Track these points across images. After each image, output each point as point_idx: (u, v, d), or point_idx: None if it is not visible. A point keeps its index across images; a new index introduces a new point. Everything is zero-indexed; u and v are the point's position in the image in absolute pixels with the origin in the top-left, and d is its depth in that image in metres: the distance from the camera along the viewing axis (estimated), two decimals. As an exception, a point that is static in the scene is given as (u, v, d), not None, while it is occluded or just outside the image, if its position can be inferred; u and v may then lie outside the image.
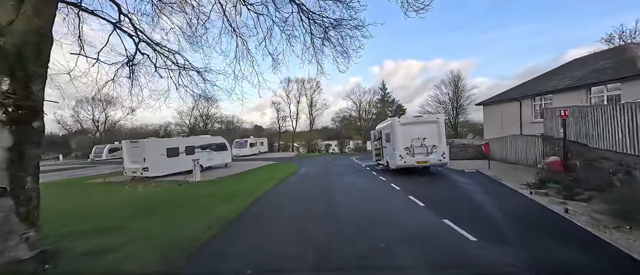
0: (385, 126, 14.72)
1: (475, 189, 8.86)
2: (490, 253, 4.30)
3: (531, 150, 13.77)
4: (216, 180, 14.14)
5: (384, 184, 10.94)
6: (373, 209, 7.26)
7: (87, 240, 5.04)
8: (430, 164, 12.30)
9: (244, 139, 38.50)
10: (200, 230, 5.65)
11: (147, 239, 5.23)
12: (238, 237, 5.52)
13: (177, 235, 5.42)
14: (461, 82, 43.76)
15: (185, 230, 5.67)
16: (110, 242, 4.89)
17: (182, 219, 6.74)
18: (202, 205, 8.30)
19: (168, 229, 5.95)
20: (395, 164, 12.63)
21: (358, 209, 7.31)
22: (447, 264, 4.07)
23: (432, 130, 12.37)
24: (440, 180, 11.29)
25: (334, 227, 5.71)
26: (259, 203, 8.42)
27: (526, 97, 18.47)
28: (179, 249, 4.66)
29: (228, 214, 6.87)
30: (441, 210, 6.51)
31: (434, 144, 12.25)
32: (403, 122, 12.66)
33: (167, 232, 5.77)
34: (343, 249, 4.59)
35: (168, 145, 16.34)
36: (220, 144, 20.71)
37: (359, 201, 8.28)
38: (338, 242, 4.87)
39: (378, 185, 10.90)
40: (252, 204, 8.25)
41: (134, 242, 4.99)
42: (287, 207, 7.98)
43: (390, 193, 9.21)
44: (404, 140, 12.47)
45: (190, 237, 5.19)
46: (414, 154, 12.29)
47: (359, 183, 11.75)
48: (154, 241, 5.14)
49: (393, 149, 12.86)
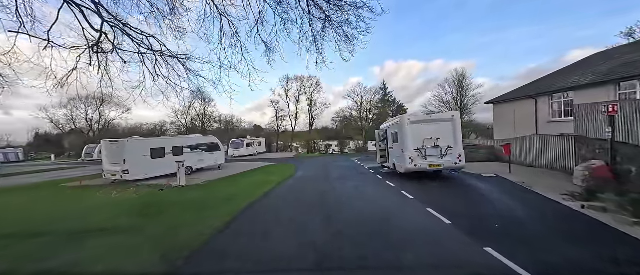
0: (392, 125, 13.26)
1: (507, 200, 7.39)
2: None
3: (557, 152, 12.31)
4: (203, 184, 12.67)
5: (394, 191, 9.47)
6: (385, 227, 5.75)
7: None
8: (445, 167, 10.83)
9: (240, 138, 37.02)
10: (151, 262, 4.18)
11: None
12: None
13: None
14: (465, 81, 42.28)
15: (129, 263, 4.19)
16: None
17: (139, 241, 5.26)
18: (174, 219, 6.83)
19: (106, 256, 4.46)
20: (404, 168, 11.16)
21: (366, 228, 5.77)
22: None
23: (447, 130, 10.90)
24: (459, 187, 9.81)
25: (337, 255, 4.24)
26: (245, 217, 6.95)
27: (543, 94, 16.99)
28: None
29: (197, 237, 5.28)
30: (477, 231, 5.04)
31: (449, 145, 10.78)
32: (413, 121, 11.19)
33: (104, 260, 4.29)
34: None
35: (152, 145, 14.86)
36: (212, 144, 19.24)
37: (366, 216, 6.74)
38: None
39: (387, 193, 9.43)
40: (236, 216, 6.77)
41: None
42: (279, 222, 6.52)
43: (403, 204, 7.74)
44: (415, 140, 11.00)
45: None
46: (426, 156, 10.82)
47: (363, 189, 10.28)
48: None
49: (402, 150, 11.39)
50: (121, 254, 4.63)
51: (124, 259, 4.43)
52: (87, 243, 5.22)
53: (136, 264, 4.22)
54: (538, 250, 4.19)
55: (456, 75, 42.58)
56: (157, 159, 14.73)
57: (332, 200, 8.53)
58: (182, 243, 4.95)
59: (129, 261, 4.33)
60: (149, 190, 11.38)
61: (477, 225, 5.44)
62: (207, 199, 9.36)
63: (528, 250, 4.20)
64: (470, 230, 5.09)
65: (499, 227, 5.25)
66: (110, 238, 5.59)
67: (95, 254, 4.58)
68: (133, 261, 4.32)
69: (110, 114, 51.11)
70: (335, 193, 9.58)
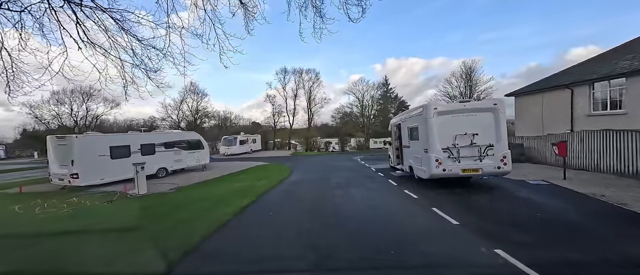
0: (409, 117, 10.53)
1: (611, 233, 4.75)
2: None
3: (623, 153, 9.71)
4: (169, 192, 9.97)
5: (420, 208, 6.78)
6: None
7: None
8: (484, 173, 8.17)
9: (233, 135, 34.26)
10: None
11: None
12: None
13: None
14: (475, 74, 39.51)
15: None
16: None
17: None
18: (77, 260, 4.18)
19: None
20: (428, 172, 8.48)
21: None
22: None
23: (487, 122, 8.23)
24: (511, 201, 7.14)
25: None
26: (210, 246, 4.31)
27: (582, 82, 14.30)
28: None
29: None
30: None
31: (490, 143, 8.11)
32: (441, 111, 8.49)
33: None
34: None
35: (113, 143, 12.15)
36: (193, 141, 16.52)
37: (387, 262, 4.00)
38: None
39: (411, 210, 6.74)
40: (197, 246, 4.14)
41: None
42: (257, 258, 3.88)
43: (445, 233, 5.04)
44: (443, 137, 8.33)
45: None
46: (458, 157, 8.15)
47: (375, 203, 7.60)
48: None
49: (424, 149, 8.72)
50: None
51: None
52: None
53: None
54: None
55: (464, 68, 39.80)
56: (120, 160, 12.02)
57: (333, 223, 5.86)
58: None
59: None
60: (96, 202, 8.69)
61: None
62: (159, 217, 6.69)
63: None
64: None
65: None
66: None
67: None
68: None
69: (98, 109, 48.24)
70: (337, 210, 6.90)
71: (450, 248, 4.34)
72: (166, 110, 47.34)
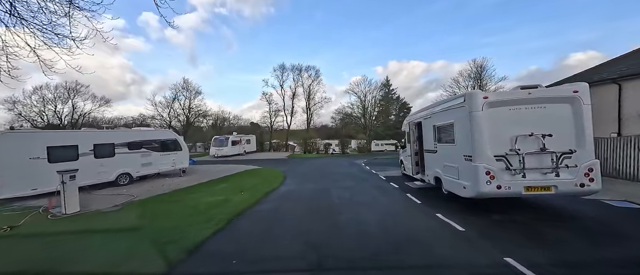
0: (437, 113, 7.85)
1: None
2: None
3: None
4: (110, 211, 7.30)
5: (485, 255, 4.14)
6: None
7: None
8: (560, 192, 5.54)
9: (224, 135, 31.57)
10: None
11: None
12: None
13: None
14: (485, 73, 37.07)
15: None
16: None
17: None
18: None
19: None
20: (474, 189, 5.84)
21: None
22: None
23: (563, 118, 5.63)
24: (612, 242, 4.54)
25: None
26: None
27: (633, 76, 11.81)
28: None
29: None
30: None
31: (569, 149, 5.52)
32: (494, 101, 5.86)
33: None
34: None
35: (52, 142, 9.47)
36: (168, 141, 13.85)
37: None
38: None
39: (467, 257, 4.08)
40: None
41: None
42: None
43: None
44: (496, 139, 5.74)
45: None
46: (521, 169, 5.54)
47: (402, 238, 4.94)
48: None
49: (466, 156, 6.12)
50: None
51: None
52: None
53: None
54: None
55: (474, 66, 37.33)
56: (63, 164, 9.34)
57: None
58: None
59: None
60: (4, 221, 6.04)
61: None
62: (81, 254, 4.06)
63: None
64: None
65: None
66: None
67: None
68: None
69: (86, 106, 45.53)
70: (343, 254, 4.26)
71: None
72: (156, 108, 44.62)
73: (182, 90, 45.93)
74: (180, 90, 45.61)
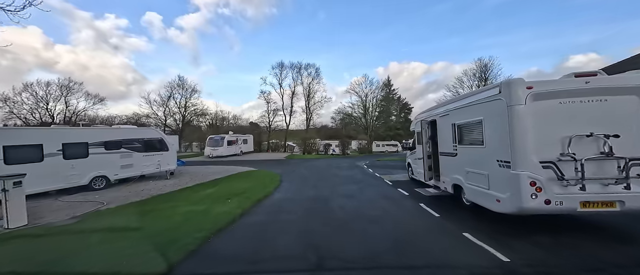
0: (460, 108, 6.59)
1: None
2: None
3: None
4: (67, 224, 6.05)
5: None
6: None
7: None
8: (628, 207, 4.31)
9: (220, 135, 30.29)
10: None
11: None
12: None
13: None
14: (491, 73, 35.86)
15: None
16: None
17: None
18: None
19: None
20: (515, 204, 4.59)
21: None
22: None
23: (631, 112, 4.42)
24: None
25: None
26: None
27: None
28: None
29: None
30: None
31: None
32: (541, 92, 4.61)
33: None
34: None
35: (10, 141, 8.20)
36: (152, 140, 12.60)
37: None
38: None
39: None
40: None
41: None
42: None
43: None
44: (543, 140, 4.52)
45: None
46: (580, 180, 4.31)
47: (425, 271, 3.73)
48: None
49: (501, 162, 4.88)
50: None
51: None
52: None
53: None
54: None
55: (479, 65, 36.12)
56: (23, 166, 8.10)
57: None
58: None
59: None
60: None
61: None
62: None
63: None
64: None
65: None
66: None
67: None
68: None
69: (80, 104, 44.23)
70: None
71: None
72: (150, 106, 43.35)
73: (178, 88, 44.72)
74: (176, 88, 44.39)
